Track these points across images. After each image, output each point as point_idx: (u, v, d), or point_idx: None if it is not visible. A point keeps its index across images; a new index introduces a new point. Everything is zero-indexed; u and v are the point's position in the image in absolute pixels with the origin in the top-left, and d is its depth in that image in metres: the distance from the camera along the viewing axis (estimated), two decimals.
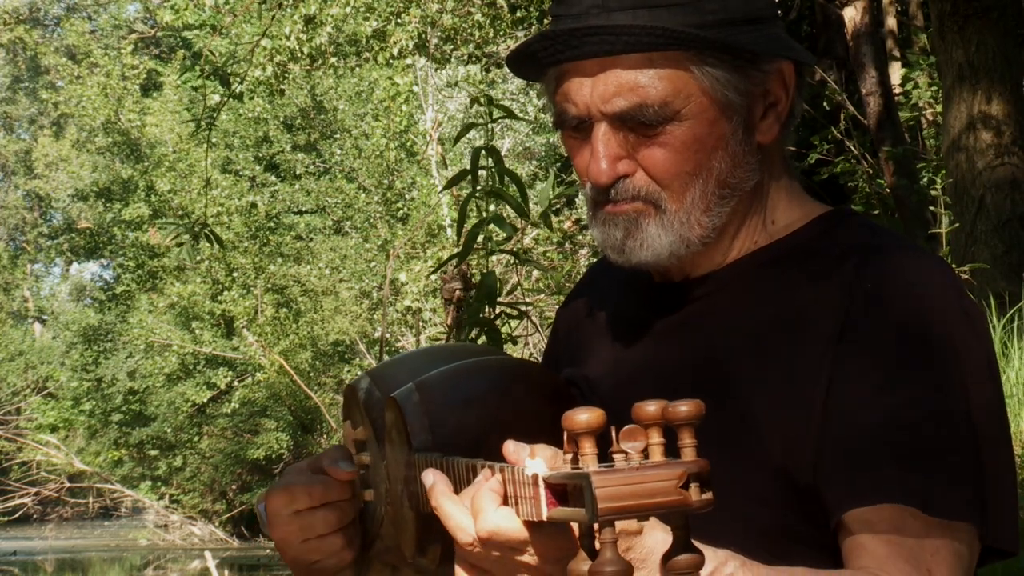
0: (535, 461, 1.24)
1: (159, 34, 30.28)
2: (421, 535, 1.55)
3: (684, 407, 1.14)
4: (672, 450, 1.15)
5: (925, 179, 10.31)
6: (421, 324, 16.85)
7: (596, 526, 1.13)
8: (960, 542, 1.45)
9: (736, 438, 1.50)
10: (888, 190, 10.87)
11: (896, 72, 12.33)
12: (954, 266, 6.94)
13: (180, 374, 26.00)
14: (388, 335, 17.50)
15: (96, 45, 28.81)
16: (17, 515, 27.73)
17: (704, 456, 1.15)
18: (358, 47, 16.23)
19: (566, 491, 1.19)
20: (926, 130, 11.94)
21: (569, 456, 1.20)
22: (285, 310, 23.82)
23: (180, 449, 26.66)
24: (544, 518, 1.20)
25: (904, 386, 1.47)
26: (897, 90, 11.84)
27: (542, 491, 1.20)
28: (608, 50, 1.52)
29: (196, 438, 26.37)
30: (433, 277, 15.29)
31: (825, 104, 12.35)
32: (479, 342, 4.22)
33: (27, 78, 38.29)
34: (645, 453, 1.14)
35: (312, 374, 22.74)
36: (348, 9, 14.22)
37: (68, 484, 27.11)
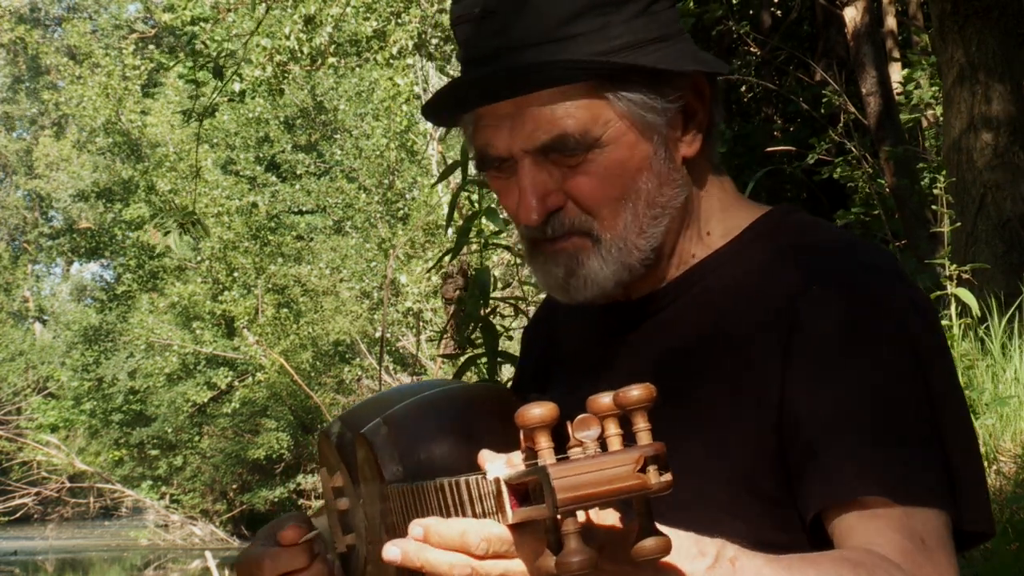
0: (495, 464, 1.23)
1: (159, 33, 30.28)
2: (404, 568, 1.55)
3: (636, 391, 1.13)
4: (630, 440, 1.13)
5: (926, 179, 10.29)
6: (421, 324, 16.84)
7: (559, 518, 1.11)
8: (937, 523, 1.45)
9: (700, 454, 1.50)
10: (888, 190, 10.86)
11: (896, 72, 12.31)
12: (955, 266, 6.92)
13: (181, 374, 26.02)
14: (388, 335, 17.50)
15: (97, 45, 28.80)
16: (18, 515, 27.74)
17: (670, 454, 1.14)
18: (358, 47, 16.21)
19: (528, 491, 1.17)
20: (926, 130, 11.92)
21: (524, 455, 1.19)
22: (286, 310, 23.82)
23: (180, 449, 26.67)
24: (510, 522, 1.18)
25: (856, 380, 1.47)
26: (898, 90, 11.83)
27: (505, 494, 1.18)
28: (520, 90, 1.53)
29: (196, 438, 26.37)
30: (434, 278, 15.27)
31: (824, 106, 12.34)
32: (475, 338, 4.20)
33: (28, 78, 38.31)
34: (602, 443, 1.13)
35: (313, 374, 22.72)
36: (348, 8, 14.21)
37: (68, 484, 27.11)
